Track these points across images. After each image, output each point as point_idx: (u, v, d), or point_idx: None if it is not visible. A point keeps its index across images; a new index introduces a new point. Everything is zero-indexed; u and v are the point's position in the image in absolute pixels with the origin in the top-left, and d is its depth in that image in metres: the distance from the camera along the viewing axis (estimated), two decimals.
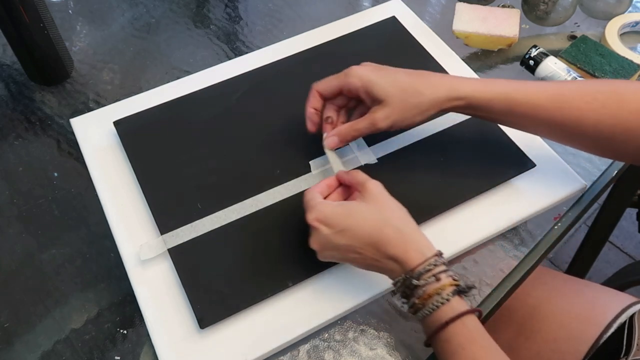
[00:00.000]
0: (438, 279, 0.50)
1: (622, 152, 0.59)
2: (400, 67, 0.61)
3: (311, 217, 0.54)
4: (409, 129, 0.61)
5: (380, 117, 0.59)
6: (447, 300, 0.50)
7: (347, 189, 0.59)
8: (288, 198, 0.64)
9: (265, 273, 0.59)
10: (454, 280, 0.51)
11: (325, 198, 0.58)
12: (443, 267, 0.51)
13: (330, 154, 0.63)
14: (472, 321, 0.50)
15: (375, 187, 0.55)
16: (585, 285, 0.80)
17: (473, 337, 0.49)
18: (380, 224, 0.53)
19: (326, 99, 0.63)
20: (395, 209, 0.55)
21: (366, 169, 0.66)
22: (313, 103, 0.63)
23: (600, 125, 0.56)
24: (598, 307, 0.74)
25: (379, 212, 0.54)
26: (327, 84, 0.62)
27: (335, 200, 0.58)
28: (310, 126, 0.64)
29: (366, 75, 0.60)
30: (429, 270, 0.51)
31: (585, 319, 0.73)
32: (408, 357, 0.57)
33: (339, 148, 0.65)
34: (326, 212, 0.54)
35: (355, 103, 0.63)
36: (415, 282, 0.50)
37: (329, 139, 0.62)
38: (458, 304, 0.50)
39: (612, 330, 0.70)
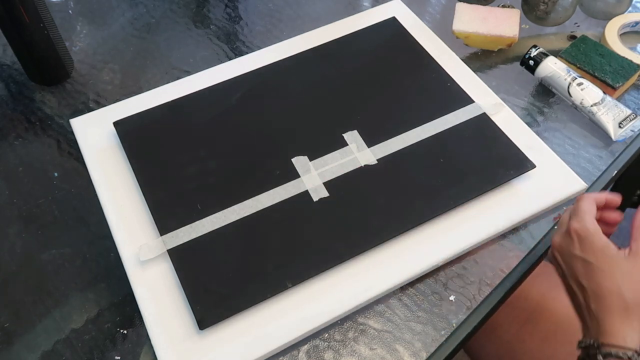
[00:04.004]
0: None
1: None
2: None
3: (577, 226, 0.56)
4: None
5: None
6: None
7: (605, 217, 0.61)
8: (288, 199, 0.64)
9: (265, 274, 0.59)
10: None
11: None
12: None
13: None
14: None
15: None
16: None
17: None
18: (619, 283, 0.51)
19: None
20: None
21: (366, 169, 0.66)
22: None
23: None
24: None
25: (629, 273, 0.53)
26: None
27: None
28: None
29: None
30: (619, 358, 0.48)
31: None
32: (408, 357, 0.57)
33: (345, 146, 0.65)
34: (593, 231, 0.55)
35: None
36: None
37: None
38: None
39: None
